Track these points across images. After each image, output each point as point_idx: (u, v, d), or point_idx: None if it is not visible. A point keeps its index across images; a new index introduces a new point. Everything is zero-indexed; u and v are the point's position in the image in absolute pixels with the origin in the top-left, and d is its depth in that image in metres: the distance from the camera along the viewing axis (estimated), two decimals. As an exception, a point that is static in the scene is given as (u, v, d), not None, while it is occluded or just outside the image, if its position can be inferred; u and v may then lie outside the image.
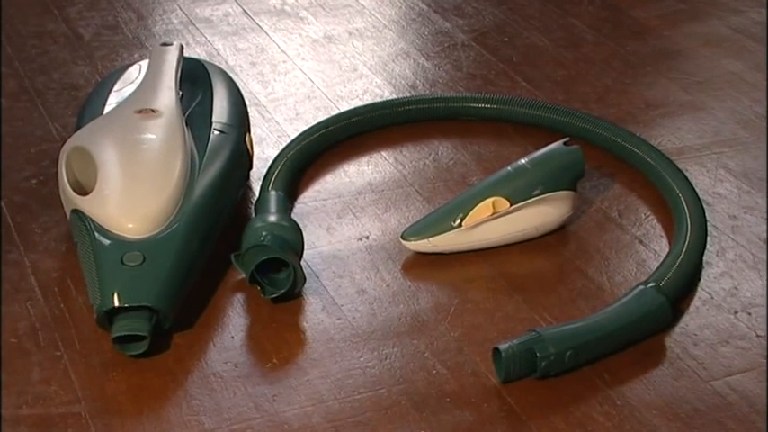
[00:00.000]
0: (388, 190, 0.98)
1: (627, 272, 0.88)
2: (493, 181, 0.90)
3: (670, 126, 1.07)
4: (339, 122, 1.03)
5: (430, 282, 0.87)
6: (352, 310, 0.83)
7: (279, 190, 0.92)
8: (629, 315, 0.80)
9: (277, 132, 1.05)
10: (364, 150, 1.03)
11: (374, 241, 0.91)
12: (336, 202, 0.96)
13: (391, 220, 0.94)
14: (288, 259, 0.83)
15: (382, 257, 0.89)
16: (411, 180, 0.99)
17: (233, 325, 0.82)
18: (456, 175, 1.00)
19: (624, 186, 0.99)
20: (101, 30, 1.18)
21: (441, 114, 1.07)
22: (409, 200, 0.97)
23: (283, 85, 1.13)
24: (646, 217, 0.95)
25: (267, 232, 0.84)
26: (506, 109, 1.05)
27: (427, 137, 1.05)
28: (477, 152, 1.03)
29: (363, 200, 0.96)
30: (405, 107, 1.05)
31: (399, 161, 1.02)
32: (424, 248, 0.89)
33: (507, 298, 0.85)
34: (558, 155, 0.91)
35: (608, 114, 1.09)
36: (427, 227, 0.89)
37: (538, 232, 0.91)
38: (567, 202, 0.91)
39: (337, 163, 1.01)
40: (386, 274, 0.87)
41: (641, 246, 0.91)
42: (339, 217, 0.94)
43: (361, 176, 1.00)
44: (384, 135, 1.05)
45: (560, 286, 0.87)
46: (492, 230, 0.89)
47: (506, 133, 1.06)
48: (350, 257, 0.89)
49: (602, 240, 0.92)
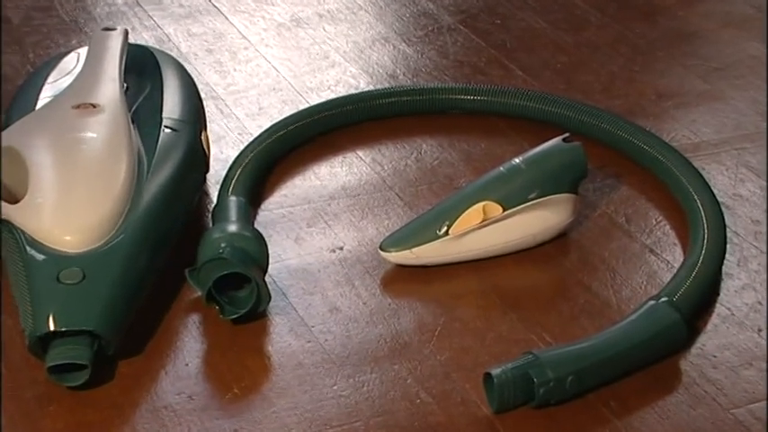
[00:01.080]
0: (364, 194, 0.98)
1: (636, 285, 0.89)
2: (483, 183, 0.91)
3: (684, 119, 1.09)
4: (308, 118, 1.03)
5: (413, 298, 0.87)
6: (324, 331, 0.84)
7: (240, 195, 0.92)
8: (639, 334, 0.81)
9: (237, 129, 1.05)
10: (337, 149, 1.04)
11: (349, 253, 0.91)
12: (306, 208, 0.96)
13: (368, 229, 0.94)
14: (250, 274, 0.83)
15: (358, 271, 0.89)
16: (391, 183, 1.00)
17: (187, 350, 0.82)
18: (442, 176, 1.01)
19: (632, 188, 1.00)
20: (32, 12, 1.18)
21: (424, 108, 1.07)
22: (389, 205, 0.97)
23: (244, 76, 1.13)
24: (657, 222, 0.96)
25: (226, 244, 0.84)
26: (499, 101, 1.06)
27: (409, 134, 1.06)
28: (465, 150, 1.04)
29: (337, 206, 0.97)
30: (383, 100, 1.06)
31: (377, 161, 1.03)
32: (405, 260, 0.89)
33: (500, 316, 0.85)
34: (557, 153, 0.92)
35: (614, 106, 1.10)
36: (409, 236, 0.89)
37: (535, 241, 0.92)
38: (567, 206, 0.92)
39: (307, 164, 1.01)
40: (362, 290, 0.88)
41: (652, 255, 0.92)
42: (309, 225, 0.94)
43: (333, 179, 1.00)
44: (360, 132, 1.05)
45: (561, 302, 0.87)
46: (483, 239, 0.90)
47: (499, 129, 1.06)
48: (321, 272, 0.89)
49: (607, 249, 0.93)
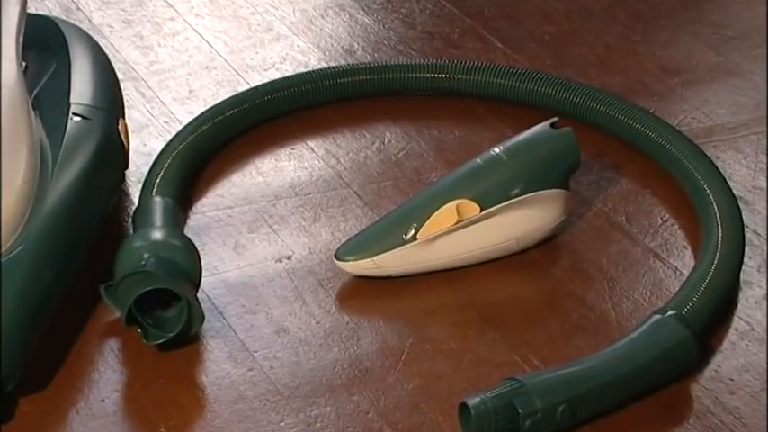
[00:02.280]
0: (316, 193, 0.98)
1: (638, 296, 0.89)
2: (457, 178, 0.91)
3: (694, 98, 1.09)
4: (249, 102, 1.03)
5: (375, 315, 0.87)
6: (269, 357, 0.84)
7: (166, 196, 0.92)
8: (643, 354, 0.81)
9: (163, 116, 1.05)
10: (284, 139, 1.03)
11: (299, 263, 0.91)
12: (246, 210, 0.96)
13: (322, 234, 0.94)
14: (179, 290, 0.83)
15: (310, 285, 0.89)
16: (348, 179, 1.00)
17: (103, 383, 0.81)
18: (408, 170, 1.01)
19: (634, 181, 1.00)
20: None
21: (387, 88, 1.07)
22: (346, 205, 0.97)
23: (171, 52, 1.13)
24: (663, 222, 0.96)
25: (150, 254, 0.84)
26: (475, 80, 1.06)
27: (369, 120, 1.06)
28: (436, 139, 1.04)
29: (283, 207, 0.96)
30: (338, 80, 1.06)
31: (332, 153, 1.03)
32: (366, 270, 0.89)
33: (479, 335, 0.85)
34: (544, 141, 0.92)
35: (611, 84, 1.10)
36: (370, 242, 0.90)
37: (519, 246, 0.92)
38: (556, 204, 0.92)
39: (247, 157, 1.01)
40: (315, 306, 0.88)
41: (657, 261, 0.92)
42: (250, 231, 0.94)
43: (279, 175, 1.00)
44: (311, 118, 1.05)
45: (550, 318, 0.87)
46: (457, 245, 0.90)
47: (475, 113, 1.07)
48: (266, 285, 0.89)
49: (604, 255, 0.93)
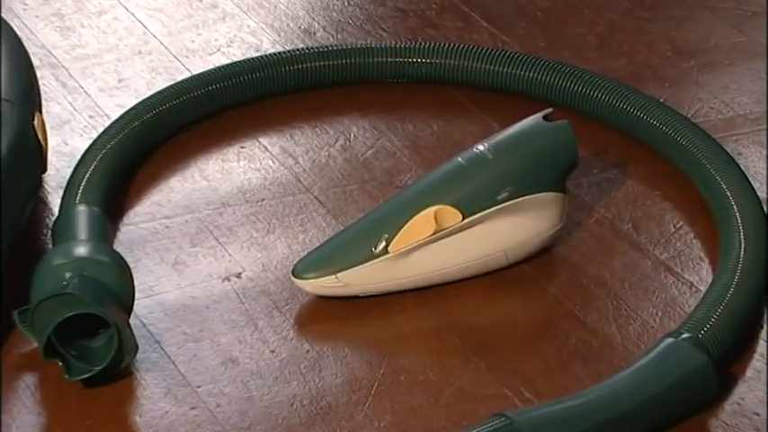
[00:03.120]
0: (271, 199, 0.98)
1: (648, 317, 0.89)
2: (435, 181, 0.91)
3: (712, 84, 1.09)
4: (190, 93, 1.03)
5: (340, 343, 0.87)
6: (215, 393, 0.83)
7: (92, 204, 0.92)
8: (653, 385, 0.81)
9: (88, 110, 1.05)
10: (232, 137, 1.03)
11: (250, 281, 0.91)
12: (188, 220, 0.96)
13: (277, 247, 0.94)
14: (108, 316, 0.82)
15: (263, 307, 0.89)
16: (308, 182, 0.99)
17: (18, 426, 0.81)
18: (378, 171, 1.01)
19: (641, 183, 1.00)
20: None
21: (353, 76, 1.07)
22: (305, 213, 0.97)
23: (97, 34, 1.12)
24: (676, 230, 0.96)
25: (73, 273, 0.84)
26: (456, 65, 1.06)
27: (333, 112, 1.06)
28: (410, 134, 1.04)
29: (232, 216, 0.96)
30: (295, 66, 1.06)
31: (289, 152, 1.02)
32: (329, 290, 0.89)
33: (462, 364, 0.85)
34: (535, 136, 0.92)
35: (615, 69, 1.10)
36: (334, 256, 0.89)
37: (508, 259, 0.92)
38: (551, 210, 0.92)
39: (189, 158, 1.01)
40: (269, 332, 0.87)
41: (669, 275, 0.92)
42: (193, 244, 0.94)
43: (227, 178, 1.00)
44: (264, 111, 1.05)
45: (544, 343, 0.87)
46: (436, 259, 0.89)
47: (456, 104, 1.07)
48: (211, 308, 0.89)
49: (608, 269, 0.93)
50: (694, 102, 1.07)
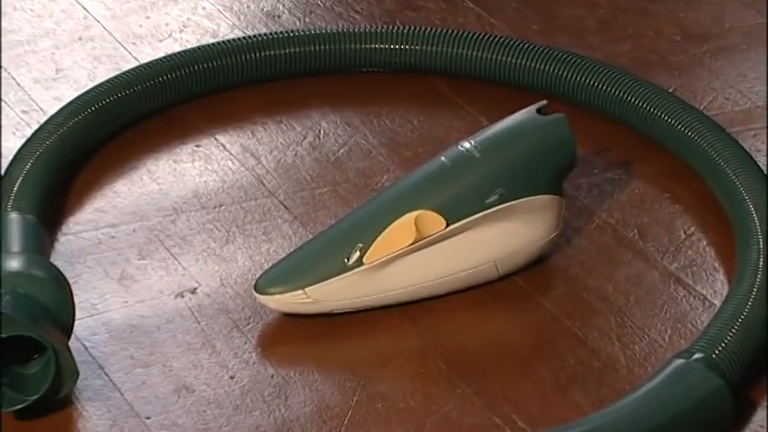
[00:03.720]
0: (230, 204, 0.98)
1: (656, 335, 0.89)
2: (416, 183, 0.91)
3: (727, 72, 1.09)
4: (137, 84, 1.03)
5: (309, 366, 0.87)
6: (167, 424, 0.83)
7: (26, 211, 0.92)
8: (662, 412, 0.81)
9: (21, 105, 1.05)
10: (185, 133, 1.03)
11: (206, 298, 0.91)
12: (136, 228, 0.95)
13: (237, 259, 0.94)
14: (43, 338, 0.82)
15: (222, 326, 0.89)
16: (272, 185, 0.99)
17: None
18: (352, 173, 1.01)
19: (648, 183, 1.00)
20: None
21: (323, 65, 1.07)
22: (269, 220, 0.97)
23: (30, 17, 1.13)
24: (687, 236, 0.96)
25: (4, 290, 0.83)
26: (439, 52, 1.06)
27: (300, 106, 1.06)
28: (388, 131, 1.04)
29: (186, 223, 0.96)
30: (257, 53, 1.06)
31: (250, 151, 1.02)
32: (297, 306, 0.89)
33: (448, 390, 0.85)
34: (528, 132, 0.92)
35: (618, 55, 1.10)
36: (302, 268, 0.89)
37: (499, 271, 0.92)
38: (547, 215, 0.92)
39: (136, 158, 1.01)
40: (228, 355, 0.87)
41: (680, 288, 0.92)
42: (142, 256, 0.94)
43: (180, 181, 1.00)
44: (222, 104, 1.05)
45: (540, 365, 0.87)
46: (417, 271, 0.90)
47: (439, 95, 1.07)
48: (162, 329, 0.89)
49: (611, 280, 0.93)
50: (707, 92, 1.08)
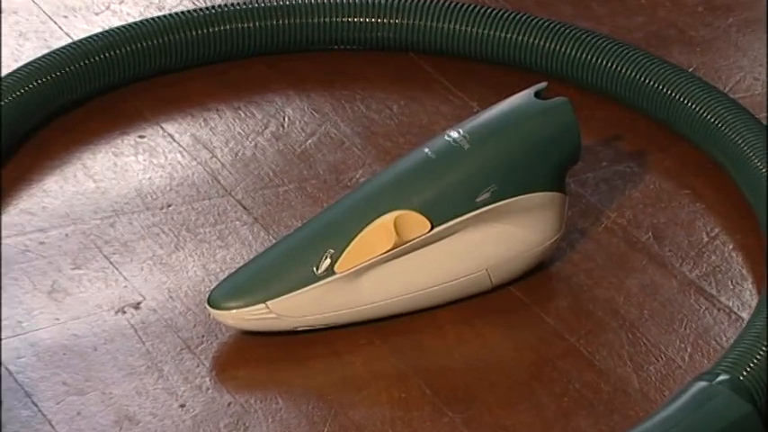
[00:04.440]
0: (180, 204, 0.98)
1: (673, 354, 0.89)
2: (396, 179, 0.91)
3: (756, 49, 1.10)
4: (71, 64, 1.03)
5: (272, 392, 0.87)
6: (106, 462, 0.83)
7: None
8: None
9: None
10: (127, 122, 1.03)
11: (152, 313, 0.91)
12: (69, 233, 0.96)
13: (188, 268, 0.94)
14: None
15: (170, 347, 0.89)
16: (229, 181, 1.00)
17: None
18: (322, 167, 1.01)
19: (665, 178, 1.01)
20: None
21: (287, 41, 1.08)
22: (225, 223, 0.97)
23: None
24: (710, 239, 0.97)
25: None
26: (422, 26, 1.07)
27: (260, 89, 1.06)
28: (363, 118, 1.04)
29: (128, 227, 0.96)
30: (211, 29, 1.07)
31: (202, 142, 1.02)
32: (258, 323, 0.89)
33: (432, 417, 0.85)
34: (525, 119, 0.92)
35: (630, 29, 1.11)
36: (263, 279, 0.90)
37: (492, 280, 0.92)
38: (547, 215, 0.92)
39: (69, 151, 1.01)
40: (178, 380, 0.87)
41: (701, 299, 0.93)
42: (76, 266, 0.94)
43: (121, 178, 1.00)
44: (169, 88, 1.06)
45: (539, 389, 0.87)
46: (397, 281, 0.90)
47: (423, 77, 1.07)
48: (100, 350, 0.89)
49: (621, 291, 0.93)
50: (733, 71, 1.09)
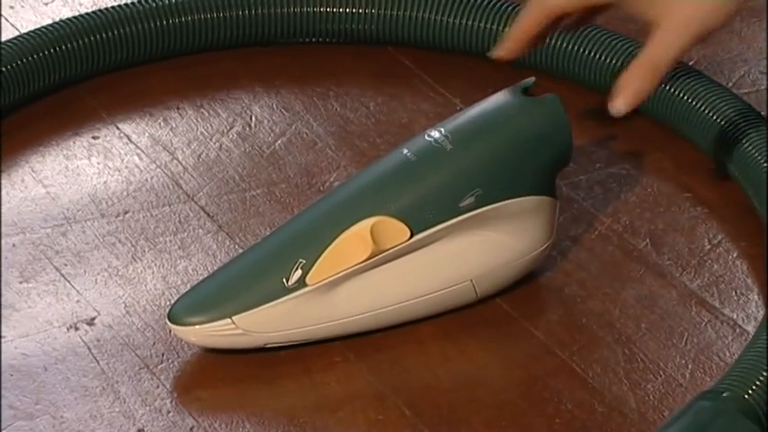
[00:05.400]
0: (137, 210, 0.98)
1: (673, 371, 0.89)
2: (373, 183, 0.91)
3: (762, 40, 1.11)
4: (18, 59, 1.04)
5: (238, 415, 0.87)
6: (57, 491, 0.83)
7: None
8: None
9: None
10: (80, 121, 1.04)
11: (107, 330, 0.91)
12: (16, 243, 0.96)
13: (147, 280, 0.94)
14: None
15: (127, 366, 0.89)
16: (191, 186, 1.00)
17: None
18: (293, 169, 1.01)
19: (663, 181, 1.01)
20: None
21: (254, 33, 1.09)
22: (187, 231, 0.97)
23: None
24: (712, 246, 0.97)
25: None
26: (401, 17, 1.08)
27: (226, 85, 1.07)
28: (337, 116, 1.05)
29: (81, 236, 0.97)
30: (172, 20, 1.07)
31: (162, 143, 1.03)
32: (223, 340, 0.89)
33: (412, 444, 0.84)
34: (513, 117, 0.92)
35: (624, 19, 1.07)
36: (229, 292, 0.90)
37: (477, 292, 0.92)
38: (536, 221, 0.92)
39: (16, 153, 1.01)
40: (136, 402, 0.87)
41: (703, 311, 0.93)
42: (24, 279, 0.94)
43: (73, 182, 1.00)
44: (126, 84, 1.06)
45: (529, 410, 0.87)
46: (375, 293, 0.90)
47: (402, 72, 1.08)
48: (51, 370, 0.89)
49: (617, 303, 0.93)
50: (737, 65, 1.09)
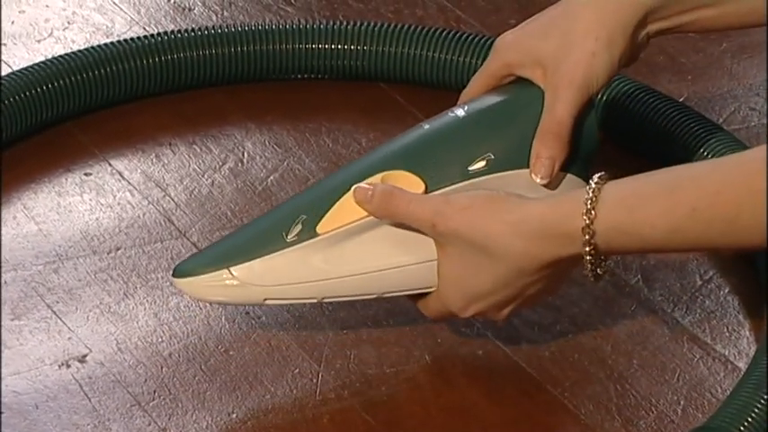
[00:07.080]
0: (130, 247, 0.98)
1: (665, 407, 0.89)
2: (386, 146, 0.90)
3: (752, 77, 1.11)
4: (10, 97, 1.03)
5: None
6: None
7: None
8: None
9: None
10: (72, 158, 1.04)
11: (99, 367, 0.91)
12: (8, 280, 0.95)
13: (138, 317, 0.94)
14: None
15: (118, 403, 0.89)
16: (183, 222, 1.00)
17: None
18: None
19: None
20: None
21: (246, 70, 1.08)
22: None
23: None
24: (704, 282, 0.97)
25: None
26: (392, 54, 1.08)
27: (218, 121, 1.07)
28: (329, 153, 1.05)
29: (73, 273, 0.97)
30: (163, 56, 1.07)
31: (154, 179, 1.03)
32: (220, 292, 0.88)
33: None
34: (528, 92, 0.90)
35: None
36: (230, 245, 0.89)
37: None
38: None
39: (9, 190, 1.01)
40: None
41: (695, 347, 0.93)
42: (15, 316, 0.94)
43: (65, 219, 1.00)
44: (119, 121, 1.06)
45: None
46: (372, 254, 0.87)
47: (394, 107, 1.08)
48: (43, 407, 0.89)
49: (608, 338, 0.93)
50: (728, 101, 1.10)
